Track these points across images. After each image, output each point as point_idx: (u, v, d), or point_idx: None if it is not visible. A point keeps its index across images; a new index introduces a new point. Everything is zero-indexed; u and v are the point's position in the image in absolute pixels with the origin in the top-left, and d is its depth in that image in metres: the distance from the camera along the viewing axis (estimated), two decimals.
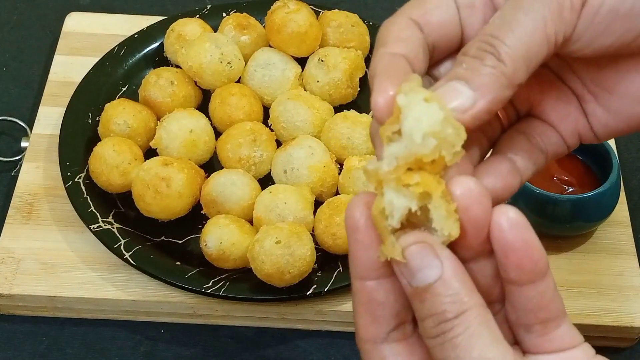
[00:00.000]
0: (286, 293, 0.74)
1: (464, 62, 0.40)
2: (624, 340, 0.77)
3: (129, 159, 0.79)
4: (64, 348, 0.76)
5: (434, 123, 0.38)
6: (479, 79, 0.39)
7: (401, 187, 0.38)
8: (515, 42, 0.39)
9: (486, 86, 0.39)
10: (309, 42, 0.88)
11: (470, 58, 0.40)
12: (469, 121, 0.39)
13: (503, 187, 0.43)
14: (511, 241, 0.39)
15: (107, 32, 0.97)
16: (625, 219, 0.83)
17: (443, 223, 0.38)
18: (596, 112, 0.45)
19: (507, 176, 0.44)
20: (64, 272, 0.77)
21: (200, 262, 0.76)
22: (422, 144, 0.38)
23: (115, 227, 0.77)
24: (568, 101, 0.46)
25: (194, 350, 0.76)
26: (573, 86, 0.46)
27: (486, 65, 0.39)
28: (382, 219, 0.39)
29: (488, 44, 0.40)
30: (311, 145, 0.80)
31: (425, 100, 0.38)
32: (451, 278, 0.38)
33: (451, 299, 0.38)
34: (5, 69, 0.98)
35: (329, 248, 0.76)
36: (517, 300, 0.40)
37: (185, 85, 0.86)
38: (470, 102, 0.39)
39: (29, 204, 0.82)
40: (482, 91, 0.39)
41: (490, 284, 0.41)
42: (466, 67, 0.40)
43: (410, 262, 0.38)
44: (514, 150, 0.45)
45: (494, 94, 0.39)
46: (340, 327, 0.77)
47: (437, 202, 0.38)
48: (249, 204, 0.78)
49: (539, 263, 0.39)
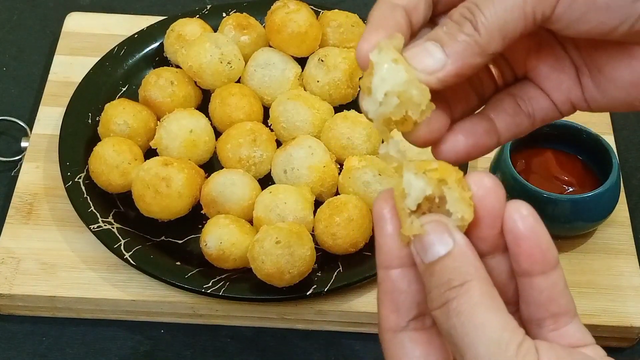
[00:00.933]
0: (286, 293, 0.74)
1: (445, 25, 0.43)
2: (624, 340, 0.77)
3: (129, 159, 0.79)
4: (64, 348, 0.76)
5: (397, 84, 0.41)
6: (453, 44, 0.42)
7: (420, 173, 0.41)
8: (493, 14, 0.42)
9: (458, 52, 0.42)
10: (309, 42, 0.88)
11: (451, 22, 0.43)
12: (435, 83, 0.42)
13: (474, 145, 0.46)
14: (522, 231, 0.41)
15: (107, 32, 0.97)
16: (625, 219, 0.83)
17: (457, 206, 0.40)
18: (589, 86, 0.47)
19: (483, 135, 0.46)
20: (64, 272, 0.77)
21: (200, 262, 0.76)
22: (383, 102, 0.41)
23: (115, 227, 0.77)
24: (564, 70, 0.47)
25: (194, 350, 0.76)
26: (573, 56, 0.47)
27: (462, 32, 0.42)
28: (402, 201, 0.41)
29: (469, 12, 0.42)
30: (311, 145, 0.80)
31: (394, 61, 0.41)
32: (460, 252, 0.40)
33: (457, 270, 0.40)
34: (5, 69, 0.98)
35: (329, 248, 0.76)
36: (529, 294, 0.42)
37: (185, 85, 0.86)
38: (440, 65, 0.42)
39: (29, 204, 0.82)
40: (454, 57, 0.42)
41: (505, 282, 0.43)
42: (446, 30, 0.42)
43: (425, 237, 0.40)
44: (498, 110, 0.47)
45: (463, 61, 0.42)
46: (340, 327, 0.77)
47: (452, 186, 0.40)
48: (249, 204, 0.78)
49: (548, 253, 0.42)
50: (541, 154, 0.81)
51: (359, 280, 0.75)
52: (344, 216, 0.75)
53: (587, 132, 0.81)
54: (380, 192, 0.44)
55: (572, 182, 0.79)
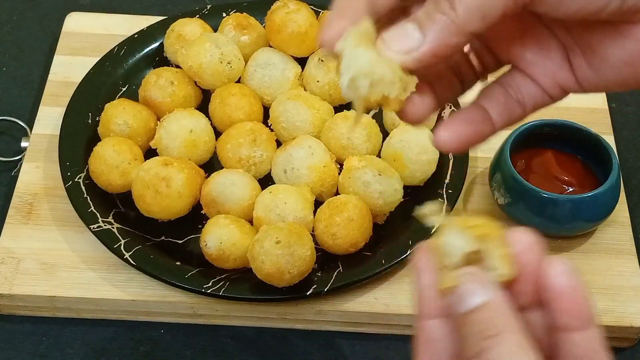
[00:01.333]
0: (286, 293, 0.74)
1: (425, 6, 0.43)
2: (624, 340, 0.77)
3: (129, 159, 0.79)
4: (64, 348, 0.76)
5: (361, 67, 0.42)
6: (430, 24, 0.42)
7: (461, 230, 0.42)
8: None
9: (434, 31, 0.42)
10: (309, 42, 0.88)
11: (430, 3, 0.43)
12: (411, 62, 0.42)
13: (474, 133, 0.47)
14: (561, 285, 0.41)
15: (107, 32, 0.97)
16: (625, 219, 0.83)
17: (497, 262, 0.41)
18: (582, 66, 0.47)
19: (480, 124, 0.47)
20: (64, 272, 0.77)
21: (200, 262, 0.76)
22: (353, 86, 0.42)
23: (115, 227, 0.77)
24: (549, 54, 0.47)
25: (194, 350, 0.76)
26: (562, 38, 0.47)
27: (439, 11, 0.42)
28: (441, 255, 0.42)
29: None
30: (311, 145, 0.80)
31: (356, 46, 0.42)
32: (496, 304, 0.40)
33: (493, 320, 0.40)
34: (5, 69, 0.98)
35: (329, 248, 0.76)
36: (565, 349, 0.41)
37: (185, 85, 0.86)
38: (416, 44, 0.42)
39: (29, 204, 0.82)
40: (430, 36, 0.42)
41: (540, 337, 0.43)
42: (424, 11, 0.43)
43: (461, 287, 0.41)
44: (490, 100, 0.48)
45: (440, 40, 0.42)
46: (340, 327, 0.77)
47: (493, 243, 0.41)
48: (249, 204, 0.78)
49: (585, 308, 0.41)
50: (541, 154, 0.81)
51: (359, 280, 0.75)
52: (344, 216, 0.75)
53: (587, 132, 0.81)
54: (420, 245, 0.44)
55: (572, 182, 0.79)
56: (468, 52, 0.50)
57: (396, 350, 0.77)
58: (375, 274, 0.75)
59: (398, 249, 0.76)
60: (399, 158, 0.80)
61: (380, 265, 0.75)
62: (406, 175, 0.80)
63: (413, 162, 0.80)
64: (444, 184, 0.81)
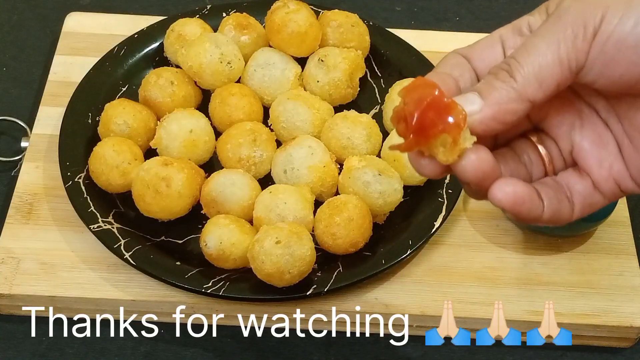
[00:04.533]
0: (286, 293, 0.74)
1: (485, 78, 0.46)
2: (624, 340, 0.77)
3: (129, 159, 0.79)
4: (63, 348, 0.76)
5: None
6: (490, 90, 0.45)
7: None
8: (528, 61, 0.45)
9: (494, 97, 0.45)
10: (309, 42, 0.88)
11: (489, 75, 0.46)
12: (477, 126, 0.45)
13: (527, 210, 0.47)
14: None
15: (107, 32, 0.97)
16: (625, 219, 0.83)
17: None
18: (632, 156, 0.48)
19: (535, 200, 0.48)
20: (64, 272, 0.77)
21: (200, 262, 0.76)
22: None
23: (115, 227, 0.77)
24: (602, 142, 0.49)
25: (194, 350, 0.76)
26: (612, 128, 0.49)
27: (498, 79, 0.45)
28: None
29: (506, 63, 0.46)
30: (311, 145, 0.80)
31: None
32: None
33: None
34: (5, 69, 0.98)
35: (329, 248, 0.76)
36: None
37: (185, 85, 0.86)
38: (477, 108, 0.45)
39: (29, 204, 0.82)
40: (490, 100, 0.45)
41: None
42: (484, 81, 0.46)
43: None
44: (540, 185, 0.49)
45: (499, 105, 0.45)
46: (340, 327, 0.77)
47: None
48: (249, 204, 0.78)
49: None
50: None
51: (359, 280, 0.75)
52: (344, 216, 0.75)
53: None
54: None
55: None
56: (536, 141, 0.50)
57: (396, 350, 0.77)
58: (375, 274, 0.75)
59: (398, 249, 0.76)
60: (399, 158, 0.80)
61: (380, 265, 0.75)
62: (406, 175, 0.80)
63: None
64: (444, 184, 0.81)
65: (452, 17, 1.05)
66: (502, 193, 0.45)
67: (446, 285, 0.78)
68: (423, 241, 0.77)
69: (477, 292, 0.77)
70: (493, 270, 0.79)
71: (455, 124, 0.44)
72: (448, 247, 0.81)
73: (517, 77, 0.45)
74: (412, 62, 0.91)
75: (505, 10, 1.06)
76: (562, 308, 0.76)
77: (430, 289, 0.77)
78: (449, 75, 0.47)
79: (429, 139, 0.44)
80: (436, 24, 1.03)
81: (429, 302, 0.76)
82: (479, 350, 0.77)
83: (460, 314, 0.75)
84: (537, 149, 0.50)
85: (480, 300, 0.77)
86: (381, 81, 0.91)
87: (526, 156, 0.50)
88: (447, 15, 1.05)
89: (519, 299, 0.77)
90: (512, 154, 0.50)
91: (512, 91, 0.45)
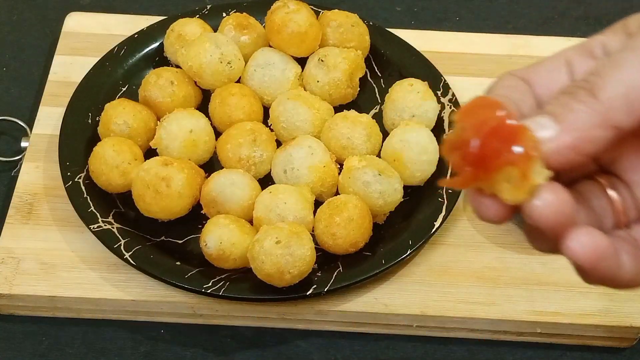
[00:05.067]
0: (286, 293, 0.74)
1: (557, 99, 0.38)
2: (624, 340, 0.77)
3: (129, 159, 0.79)
4: (64, 348, 0.76)
5: None
6: (568, 114, 0.37)
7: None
8: (615, 78, 0.36)
9: (573, 121, 0.36)
10: (309, 42, 0.88)
11: (564, 95, 0.38)
12: (551, 156, 0.36)
13: (607, 268, 0.40)
14: None
15: (107, 32, 0.97)
16: None
17: None
18: None
19: (615, 258, 0.40)
20: (64, 272, 0.78)
21: (200, 262, 0.76)
22: None
23: (115, 227, 0.77)
24: None
25: (194, 350, 0.76)
26: None
27: (576, 99, 0.37)
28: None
29: (585, 80, 0.37)
30: (311, 145, 0.80)
31: None
32: None
33: None
34: (5, 69, 0.98)
35: (329, 248, 0.76)
36: None
37: (185, 85, 0.86)
38: (551, 135, 0.36)
39: (29, 204, 0.82)
40: (567, 125, 0.36)
41: None
42: (558, 103, 0.37)
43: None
44: (620, 241, 0.41)
45: (580, 132, 0.36)
46: (340, 327, 0.77)
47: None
48: (249, 204, 0.78)
49: None
50: None
51: (359, 280, 0.75)
52: (344, 216, 0.75)
53: None
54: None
55: None
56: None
57: (396, 350, 0.77)
58: (375, 274, 0.75)
59: (398, 249, 0.76)
60: (399, 158, 0.80)
61: (380, 265, 0.75)
62: (406, 175, 0.80)
63: (413, 162, 0.80)
64: None
65: (452, 17, 1.05)
66: (580, 245, 0.37)
67: (446, 285, 0.78)
68: (423, 241, 0.77)
69: (477, 292, 0.77)
70: (493, 270, 0.79)
71: (524, 154, 0.35)
72: (448, 247, 0.81)
73: (602, 97, 0.36)
74: (412, 62, 0.91)
75: (505, 10, 1.06)
76: (562, 308, 0.76)
77: (430, 289, 0.77)
78: (508, 98, 0.39)
79: (491, 172, 0.36)
80: (436, 24, 1.03)
81: (429, 302, 0.76)
82: (479, 350, 0.77)
83: (461, 314, 0.75)
84: (606, 194, 0.41)
85: (481, 300, 0.77)
86: (381, 81, 0.91)
87: (596, 201, 0.41)
88: (447, 15, 1.05)
89: (519, 299, 0.77)
90: (579, 197, 0.41)
91: (595, 115, 0.36)
